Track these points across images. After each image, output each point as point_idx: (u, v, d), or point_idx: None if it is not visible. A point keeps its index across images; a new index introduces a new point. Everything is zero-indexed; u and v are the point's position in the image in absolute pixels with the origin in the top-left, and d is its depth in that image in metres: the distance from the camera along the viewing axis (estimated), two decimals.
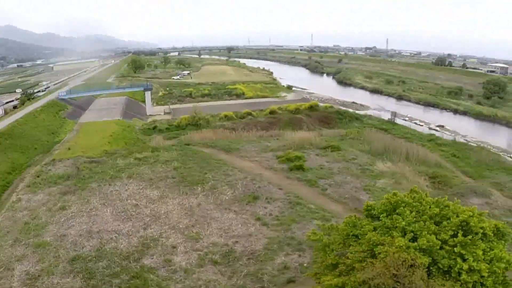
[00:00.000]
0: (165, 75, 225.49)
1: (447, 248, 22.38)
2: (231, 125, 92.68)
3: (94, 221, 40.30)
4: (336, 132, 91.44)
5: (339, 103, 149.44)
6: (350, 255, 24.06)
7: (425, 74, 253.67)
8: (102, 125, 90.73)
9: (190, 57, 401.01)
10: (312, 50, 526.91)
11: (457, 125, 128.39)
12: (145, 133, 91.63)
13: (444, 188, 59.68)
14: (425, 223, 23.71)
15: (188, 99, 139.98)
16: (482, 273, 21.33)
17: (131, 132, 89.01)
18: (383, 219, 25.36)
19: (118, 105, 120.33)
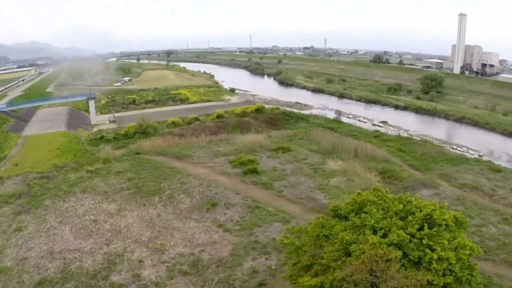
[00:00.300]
0: (105, 82, 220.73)
1: (415, 241, 23.82)
2: (179, 132, 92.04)
3: (54, 241, 39.17)
4: (284, 133, 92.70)
5: (283, 104, 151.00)
6: (325, 255, 24.94)
7: (363, 72, 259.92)
8: (48, 138, 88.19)
9: (129, 63, 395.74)
10: (251, 52, 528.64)
11: (399, 120, 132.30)
12: (93, 144, 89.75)
13: (394, 182, 62.11)
14: (392, 220, 25.03)
15: (132, 106, 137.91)
16: (450, 261, 23.01)
17: (78, 144, 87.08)
18: (352, 218, 26.36)
19: (62, 116, 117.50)
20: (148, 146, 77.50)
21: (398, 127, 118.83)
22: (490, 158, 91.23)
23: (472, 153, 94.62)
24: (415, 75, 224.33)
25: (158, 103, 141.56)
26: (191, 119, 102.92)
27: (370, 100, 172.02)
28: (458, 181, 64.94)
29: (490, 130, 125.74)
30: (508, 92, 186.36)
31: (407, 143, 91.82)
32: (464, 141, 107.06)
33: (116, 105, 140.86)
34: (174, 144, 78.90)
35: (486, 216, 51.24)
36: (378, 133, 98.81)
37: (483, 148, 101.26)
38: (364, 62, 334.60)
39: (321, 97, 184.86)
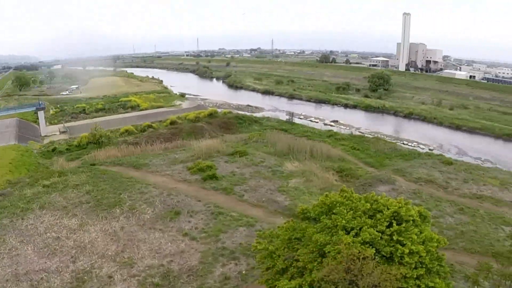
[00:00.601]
0: (52, 91, 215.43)
1: (386, 238, 25.01)
2: (133, 140, 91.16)
3: (18, 262, 37.96)
4: (239, 137, 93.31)
5: (235, 107, 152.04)
6: (301, 258, 25.74)
7: (311, 72, 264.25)
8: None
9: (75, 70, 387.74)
10: (198, 55, 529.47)
11: (350, 119, 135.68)
12: (45, 157, 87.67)
13: (352, 180, 64.20)
14: (362, 219, 26.18)
15: (82, 116, 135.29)
16: (421, 254, 24.42)
17: (30, 157, 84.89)
18: (324, 220, 27.13)
19: (10, 128, 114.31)
20: (103, 157, 76.45)
21: (349, 126, 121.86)
22: (440, 151, 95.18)
23: (423, 148, 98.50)
24: (362, 74, 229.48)
25: (109, 111, 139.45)
26: (144, 126, 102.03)
27: (320, 100, 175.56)
28: (413, 176, 67.98)
29: (438, 124, 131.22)
30: (453, 87, 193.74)
31: (360, 141, 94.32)
32: (414, 136, 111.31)
33: (65, 114, 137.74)
34: (129, 153, 78.01)
35: (443, 208, 54.22)
36: (331, 133, 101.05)
37: (432, 142, 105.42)
38: (311, 62, 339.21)
39: (271, 99, 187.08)
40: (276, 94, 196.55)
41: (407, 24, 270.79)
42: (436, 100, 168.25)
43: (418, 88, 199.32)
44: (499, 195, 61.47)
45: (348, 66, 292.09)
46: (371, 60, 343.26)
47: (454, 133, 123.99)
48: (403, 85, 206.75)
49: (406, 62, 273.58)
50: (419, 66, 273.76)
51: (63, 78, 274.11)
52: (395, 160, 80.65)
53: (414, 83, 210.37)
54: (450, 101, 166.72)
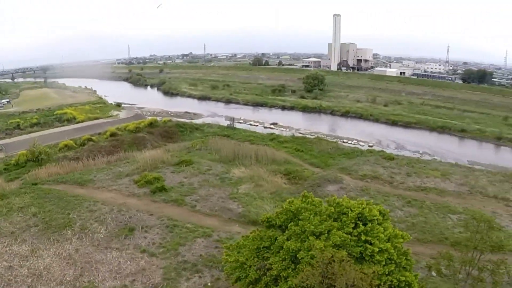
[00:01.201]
0: None
1: (354, 239, 26.39)
2: (74, 155, 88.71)
3: None
4: (182, 146, 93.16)
5: (173, 115, 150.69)
6: (274, 266, 26.07)
7: (246, 76, 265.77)
8: None
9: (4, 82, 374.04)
10: (130, 62, 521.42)
11: (289, 120, 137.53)
12: None
13: (300, 182, 65.82)
14: (328, 222, 27.21)
15: (17, 131, 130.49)
16: (389, 250, 25.93)
17: None
18: (292, 227, 27.70)
19: None
20: (45, 175, 74.09)
21: (289, 127, 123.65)
22: (380, 147, 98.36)
23: (363, 145, 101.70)
24: (296, 75, 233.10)
25: (44, 125, 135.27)
26: (84, 140, 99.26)
27: (257, 103, 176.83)
28: (359, 173, 70.67)
29: (375, 121, 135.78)
30: (385, 84, 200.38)
31: (302, 142, 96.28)
32: (353, 134, 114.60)
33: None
34: (72, 169, 76.03)
35: (391, 202, 56.97)
36: (274, 136, 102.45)
37: (371, 139, 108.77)
38: (245, 65, 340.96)
39: (209, 104, 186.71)
40: (213, 99, 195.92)
41: (337, 25, 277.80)
42: (370, 97, 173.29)
43: (352, 87, 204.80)
44: (442, 185, 65.38)
45: (282, 68, 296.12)
46: (303, 61, 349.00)
47: (390, 128, 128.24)
48: (337, 84, 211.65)
49: (338, 62, 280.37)
50: (350, 65, 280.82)
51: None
52: (339, 159, 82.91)
53: (348, 82, 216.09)
54: (384, 98, 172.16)
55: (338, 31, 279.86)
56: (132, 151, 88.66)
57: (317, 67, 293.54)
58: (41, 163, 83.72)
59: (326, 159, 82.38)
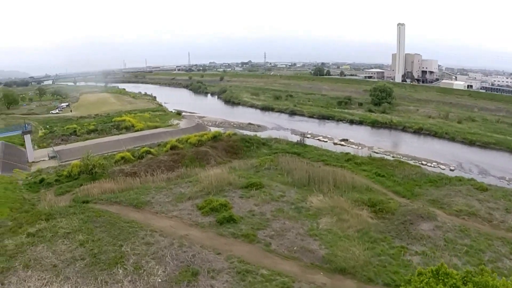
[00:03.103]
0: (42, 109, 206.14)
1: None
2: (131, 169, 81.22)
3: None
4: (248, 163, 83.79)
5: (236, 126, 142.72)
6: None
7: (308, 86, 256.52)
8: None
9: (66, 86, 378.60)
10: (190, 69, 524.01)
11: (359, 136, 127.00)
12: (32, 189, 77.53)
13: (387, 216, 55.42)
14: None
15: (73, 138, 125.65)
16: None
17: (15, 191, 74.97)
18: None
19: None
20: (98, 191, 66.70)
21: (361, 145, 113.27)
22: (462, 171, 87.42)
23: (444, 168, 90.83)
24: (361, 87, 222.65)
25: (101, 132, 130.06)
26: (142, 153, 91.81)
27: (323, 116, 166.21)
28: (453, 208, 59.79)
29: (450, 140, 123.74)
30: (455, 98, 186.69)
31: (382, 165, 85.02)
32: (430, 155, 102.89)
33: (55, 136, 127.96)
34: (127, 187, 68.39)
35: (496, 248, 46.31)
36: (349, 156, 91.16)
37: (451, 161, 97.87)
38: (306, 75, 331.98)
39: (272, 116, 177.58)
40: (276, 110, 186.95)
41: (401, 34, 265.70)
42: (442, 113, 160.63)
43: (420, 100, 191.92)
44: None
45: (345, 79, 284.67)
46: (366, 72, 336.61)
47: (468, 149, 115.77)
48: (404, 97, 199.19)
49: (402, 73, 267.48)
50: (415, 76, 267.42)
51: (53, 95, 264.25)
52: (426, 187, 71.77)
53: (416, 95, 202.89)
54: (456, 114, 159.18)
55: (402, 41, 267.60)
56: (194, 167, 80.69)
57: (380, 78, 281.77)
58: (95, 177, 76.86)
59: (411, 187, 71.36)
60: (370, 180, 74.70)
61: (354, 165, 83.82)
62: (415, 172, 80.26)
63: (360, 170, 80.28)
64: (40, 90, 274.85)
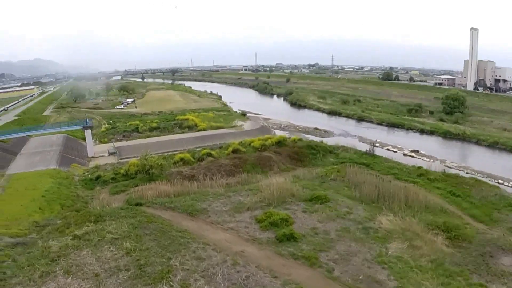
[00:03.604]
0: (107, 104, 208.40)
1: None
2: (189, 172, 77.48)
3: None
4: (314, 173, 78.00)
5: (301, 130, 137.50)
6: None
7: (377, 91, 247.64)
8: (34, 179, 73.94)
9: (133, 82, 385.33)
10: (257, 70, 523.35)
11: (430, 148, 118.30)
12: (87, 186, 75.44)
13: (464, 245, 47.90)
14: None
15: (135, 134, 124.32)
16: None
17: (69, 187, 72.85)
18: None
19: (55, 147, 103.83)
20: (153, 193, 63.28)
21: (432, 157, 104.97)
22: None
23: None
24: (431, 94, 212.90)
25: (164, 130, 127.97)
26: (203, 154, 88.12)
27: (392, 123, 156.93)
28: None
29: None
30: None
31: (457, 183, 76.55)
32: (508, 173, 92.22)
33: (117, 132, 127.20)
34: (184, 191, 64.51)
35: None
36: (422, 171, 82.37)
37: None
38: (374, 80, 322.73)
39: (338, 121, 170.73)
40: (344, 115, 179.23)
41: (475, 40, 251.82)
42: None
43: (494, 111, 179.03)
44: None
45: (415, 85, 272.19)
46: (435, 78, 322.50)
47: None
48: (478, 107, 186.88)
49: (474, 81, 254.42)
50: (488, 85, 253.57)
51: (119, 90, 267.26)
52: (506, 212, 62.85)
53: (489, 105, 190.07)
54: None
55: (475, 46, 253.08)
56: (256, 173, 76.07)
57: (451, 85, 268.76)
58: (152, 177, 73.69)
59: (489, 211, 62.60)
60: (444, 199, 67.44)
61: (427, 182, 76.13)
62: (493, 193, 71.52)
63: (433, 188, 72.88)
64: (107, 85, 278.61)
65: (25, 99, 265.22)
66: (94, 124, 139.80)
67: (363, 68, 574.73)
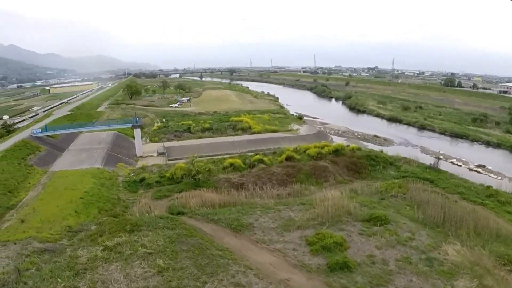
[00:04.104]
0: (163, 102, 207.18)
1: None
2: (238, 179, 72.27)
3: None
4: (373, 187, 70.65)
5: (360, 137, 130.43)
6: None
7: (439, 98, 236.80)
8: (76, 178, 70.97)
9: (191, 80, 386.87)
10: (315, 72, 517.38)
11: (497, 163, 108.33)
12: (130, 188, 71.65)
13: None
14: None
15: (187, 135, 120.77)
16: None
17: (111, 189, 69.20)
18: None
19: (103, 144, 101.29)
20: (196, 202, 58.57)
21: (500, 174, 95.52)
22: None
23: None
24: (496, 103, 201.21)
25: (216, 131, 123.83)
26: (254, 161, 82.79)
27: (456, 133, 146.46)
28: None
29: None
30: None
31: None
32: None
33: (168, 131, 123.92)
34: (231, 201, 59.49)
35: None
36: (491, 191, 73.25)
37: None
38: (436, 85, 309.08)
39: (399, 128, 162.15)
40: (405, 123, 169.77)
41: None
42: None
43: None
44: None
45: (479, 93, 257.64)
46: (500, 86, 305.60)
47: None
48: None
49: None
50: None
51: (176, 88, 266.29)
52: None
53: None
54: None
55: None
56: (310, 184, 70.47)
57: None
58: (198, 183, 69.11)
59: None
60: None
61: (497, 204, 67.06)
62: None
63: (503, 212, 64.15)
64: (164, 82, 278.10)
65: (83, 94, 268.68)
66: (147, 122, 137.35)
67: (423, 73, 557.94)
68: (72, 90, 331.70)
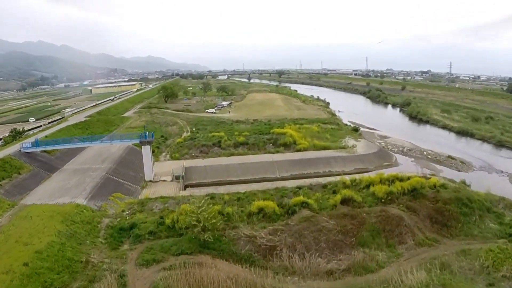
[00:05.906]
0: (200, 106, 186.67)
1: None
2: (267, 239, 47.28)
3: None
4: (472, 255, 45.25)
5: (430, 158, 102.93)
6: None
7: (508, 107, 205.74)
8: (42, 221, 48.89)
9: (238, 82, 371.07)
10: (367, 75, 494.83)
11: None
12: (112, 241, 48.39)
13: None
14: None
15: (216, 150, 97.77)
16: None
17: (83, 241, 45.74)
18: None
19: (106, 163, 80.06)
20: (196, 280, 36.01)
21: None
22: None
23: None
24: None
25: (252, 147, 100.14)
26: (295, 205, 55.85)
27: None
28: None
29: None
30: None
31: None
32: None
33: (194, 145, 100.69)
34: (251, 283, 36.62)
35: None
36: None
37: None
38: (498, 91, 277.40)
39: (471, 144, 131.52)
40: (477, 138, 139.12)
41: None
42: None
43: None
44: None
45: None
46: None
47: None
48: None
49: None
50: None
51: (218, 90, 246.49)
52: None
53: None
54: None
55: None
56: (377, 246, 46.72)
57: None
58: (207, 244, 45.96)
59: None
60: None
61: None
62: None
63: None
64: (205, 85, 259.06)
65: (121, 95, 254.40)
66: (173, 132, 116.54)
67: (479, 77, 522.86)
68: (114, 90, 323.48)
